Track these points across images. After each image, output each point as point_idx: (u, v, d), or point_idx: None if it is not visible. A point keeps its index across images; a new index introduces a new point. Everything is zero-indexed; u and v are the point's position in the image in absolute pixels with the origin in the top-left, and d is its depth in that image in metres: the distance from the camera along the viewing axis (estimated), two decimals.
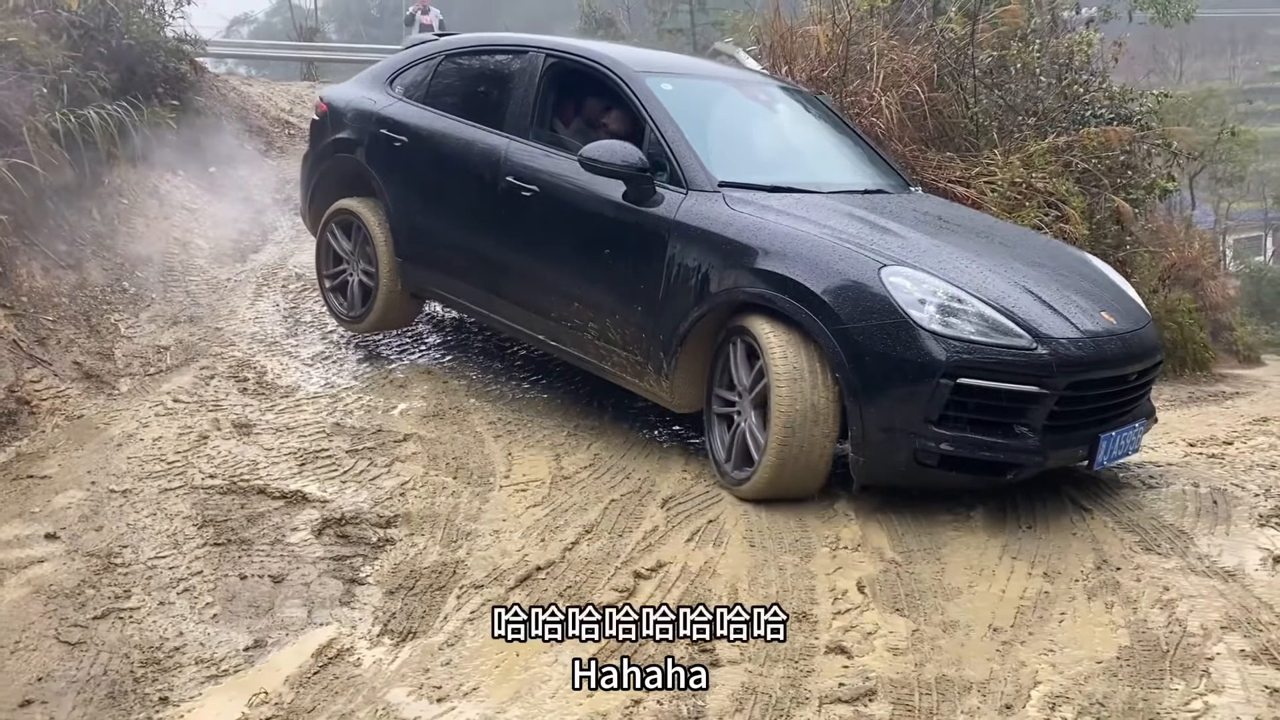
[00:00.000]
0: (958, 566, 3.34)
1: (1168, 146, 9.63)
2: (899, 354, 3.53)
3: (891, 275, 3.64)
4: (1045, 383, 3.53)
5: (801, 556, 3.40)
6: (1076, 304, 3.82)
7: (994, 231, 4.56)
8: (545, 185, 4.67)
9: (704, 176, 4.22)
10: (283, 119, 10.73)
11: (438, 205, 5.23)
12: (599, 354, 4.51)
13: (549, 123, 4.97)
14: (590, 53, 4.92)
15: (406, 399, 5.06)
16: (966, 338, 3.52)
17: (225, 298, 6.71)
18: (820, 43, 8.27)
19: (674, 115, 4.43)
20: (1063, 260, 4.35)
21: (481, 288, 5.04)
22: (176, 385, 5.30)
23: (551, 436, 4.66)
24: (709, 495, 3.93)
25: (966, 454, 3.54)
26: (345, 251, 5.71)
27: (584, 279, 4.52)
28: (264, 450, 4.45)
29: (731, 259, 3.96)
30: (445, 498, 3.98)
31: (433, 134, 5.26)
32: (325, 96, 6.08)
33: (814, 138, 5.17)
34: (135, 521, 3.87)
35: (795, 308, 3.74)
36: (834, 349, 3.63)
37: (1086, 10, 11.82)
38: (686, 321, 4.09)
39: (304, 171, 6.22)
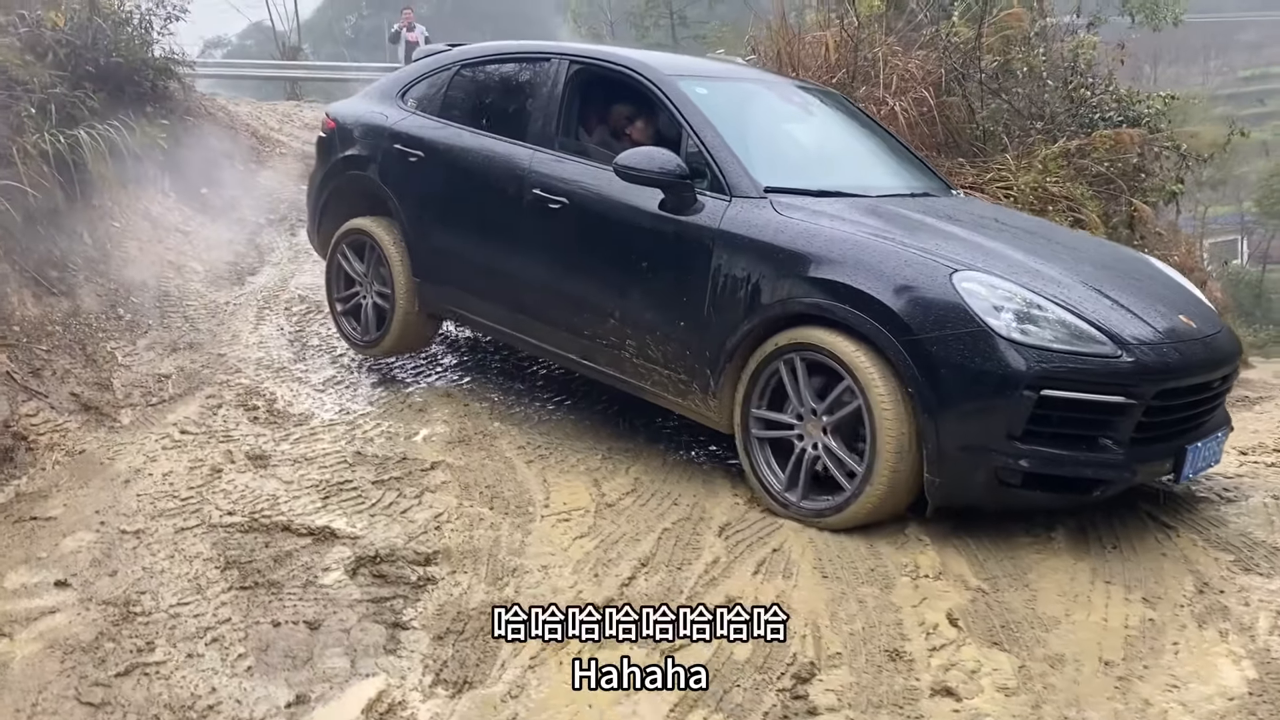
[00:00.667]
0: (1049, 593, 3.12)
1: (1177, 149, 9.50)
2: (977, 365, 3.30)
3: (964, 281, 3.42)
4: (1133, 392, 3.32)
5: (881, 587, 3.17)
6: (1154, 308, 3.62)
7: (1052, 234, 4.36)
8: (575, 197, 4.44)
9: (748, 182, 4.00)
10: (273, 138, 10.47)
11: (458, 221, 4.98)
12: (637, 373, 4.27)
13: (574, 132, 4.74)
14: (618, 58, 4.70)
15: (428, 424, 4.80)
16: (1048, 346, 3.30)
17: (226, 322, 6.43)
18: (829, 48, 8.08)
19: (712, 120, 4.21)
20: (1128, 262, 4.15)
21: (506, 306, 4.79)
22: (182, 416, 5.02)
23: (585, 460, 4.41)
24: (767, 522, 3.69)
25: (1051, 471, 3.31)
26: (358, 273, 5.46)
27: (620, 294, 4.28)
28: (283, 483, 4.18)
29: (785, 268, 3.74)
30: (484, 530, 3.72)
31: (451, 148, 5.03)
32: (332, 113, 5.82)
33: (851, 140, 4.96)
34: (152, 565, 3.59)
35: (859, 318, 3.51)
36: (905, 362, 3.40)
37: (1071, 18, 11.74)
38: (735, 336, 3.85)
39: (311, 191, 5.96)
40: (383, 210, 5.34)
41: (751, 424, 3.84)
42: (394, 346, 5.39)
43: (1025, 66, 9.23)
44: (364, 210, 5.46)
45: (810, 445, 3.66)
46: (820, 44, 8.28)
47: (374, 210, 5.40)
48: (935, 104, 8.51)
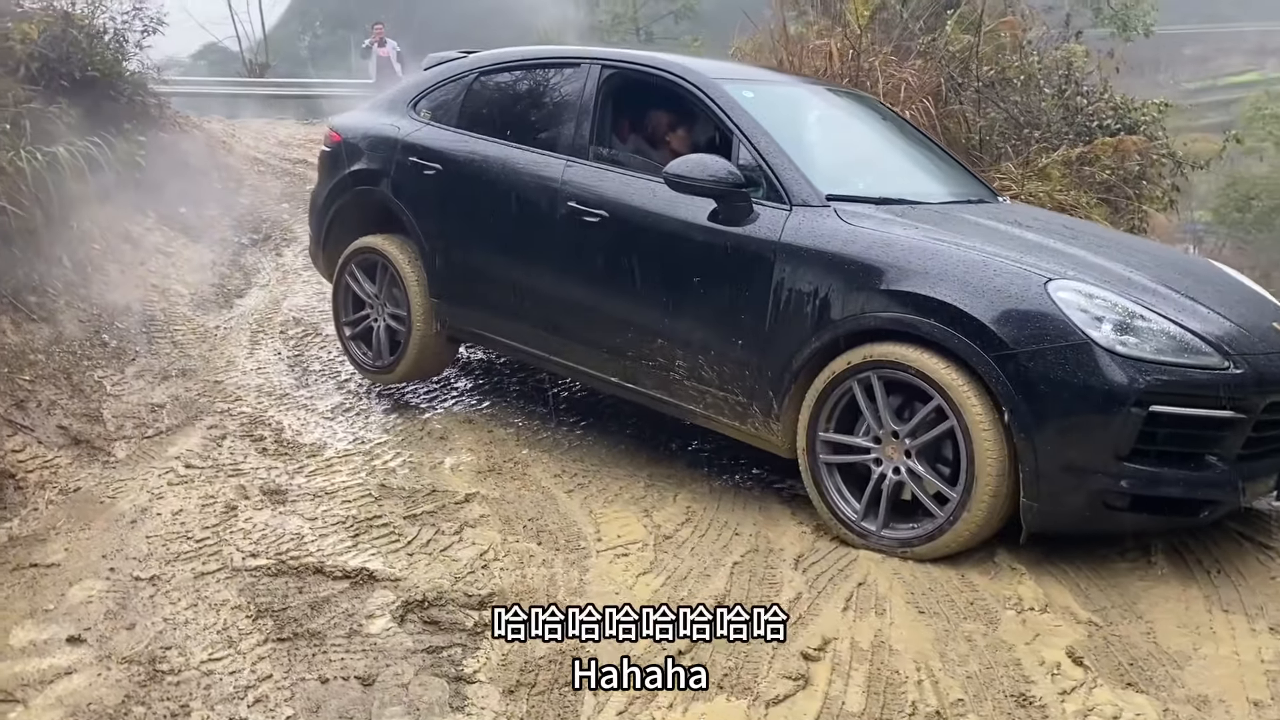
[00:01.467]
0: (1167, 625, 2.90)
1: (1172, 156, 9.46)
2: (1080, 381, 3.07)
3: (1060, 290, 3.20)
4: (1243, 405, 3.11)
5: (986, 623, 2.93)
6: (1246, 315, 3.43)
7: (1123, 240, 4.18)
8: (616, 209, 4.16)
9: (809, 190, 3.76)
10: (250, 155, 10.12)
11: (481, 238, 4.68)
12: (688, 395, 4.01)
13: (609, 141, 4.48)
14: (657, 61, 4.45)
15: (452, 453, 4.51)
16: (1153, 359, 3.08)
17: (218, 347, 6.09)
18: (834, 56, 7.92)
19: (764, 125, 3.97)
20: (1201, 268, 3.97)
21: (538, 326, 4.50)
22: (184, 448, 4.68)
23: (628, 488, 4.15)
24: (842, 552, 3.44)
25: (1159, 492, 3.10)
26: (368, 295, 5.15)
27: (668, 312, 4.01)
28: (306, 520, 3.87)
29: (858, 281, 3.49)
30: (536, 568, 3.44)
31: (472, 159, 4.74)
32: (337, 125, 5.51)
33: (897, 145, 4.76)
34: (174, 615, 3.26)
35: (947, 333, 3.26)
36: (999, 379, 3.16)
37: (1059, 29, 11.72)
38: (803, 354, 3.60)
39: (314, 208, 5.61)
40: (396, 227, 5.04)
41: (819, 448, 3.59)
42: (409, 372, 5.09)
43: (1023, 75, 9.14)
44: (374, 228, 5.16)
45: (890, 470, 3.41)
46: (823, 52, 8.10)
47: (386, 227, 5.10)
48: (936, 113, 8.38)
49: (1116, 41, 14.37)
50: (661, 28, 28.42)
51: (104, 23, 7.68)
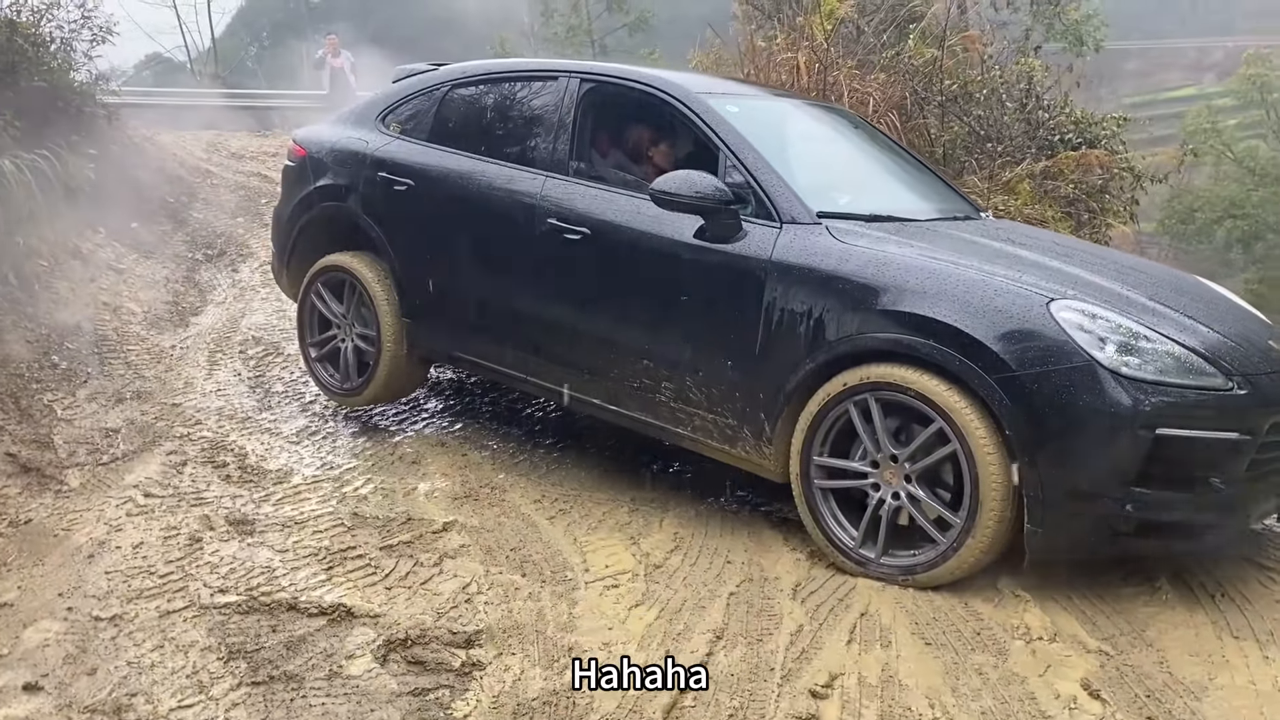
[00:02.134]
0: (1178, 653, 2.83)
1: (1132, 170, 9.55)
2: (1086, 404, 2.99)
3: (1062, 311, 3.12)
4: (1248, 427, 3.06)
5: (996, 654, 2.84)
6: (1245, 334, 3.38)
7: (1114, 257, 4.12)
8: (598, 226, 4.04)
9: (800, 207, 3.66)
10: (202, 168, 9.86)
11: (456, 255, 4.53)
12: (675, 418, 3.89)
13: (589, 156, 4.35)
14: (640, 75, 4.33)
15: (425, 478, 4.35)
16: (1158, 380, 3.02)
17: (175, 368, 5.86)
18: (801, 69, 7.87)
19: (751, 141, 3.88)
20: (1194, 286, 3.92)
21: (517, 347, 4.36)
22: (142, 476, 4.46)
23: (611, 514, 4.02)
24: (840, 580, 3.34)
25: (1164, 517, 3.03)
26: (335, 315, 4.97)
27: (654, 332, 3.89)
28: (276, 552, 3.69)
29: (853, 300, 3.39)
30: (523, 602, 3.29)
31: (446, 175, 4.58)
32: (302, 139, 5.31)
33: (880, 160, 4.69)
34: (138, 659, 3.07)
35: (947, 355, 3.17)
36: (1001, 402, 3.08)
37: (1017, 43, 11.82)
38: (796, 376, 3.50)
39: (278, 225, 5.41)
40: (365, 245, 4.87)
41: (814, 473, 3.49)
42: (379, 394, 4.91)
43: (985, 89, 9.17)
44: (341, 245, 4.98)
45: (889, 495, 3.32)
46: (789, 65, 8.05)
47: (353, 245, 4.93)
48: (902, 127, 8.38)
49: (1069, 56, 14.56)
50: (615, 40, 28.40)
51: (51, 31, 7.40)
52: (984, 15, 11.12)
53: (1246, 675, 2.70)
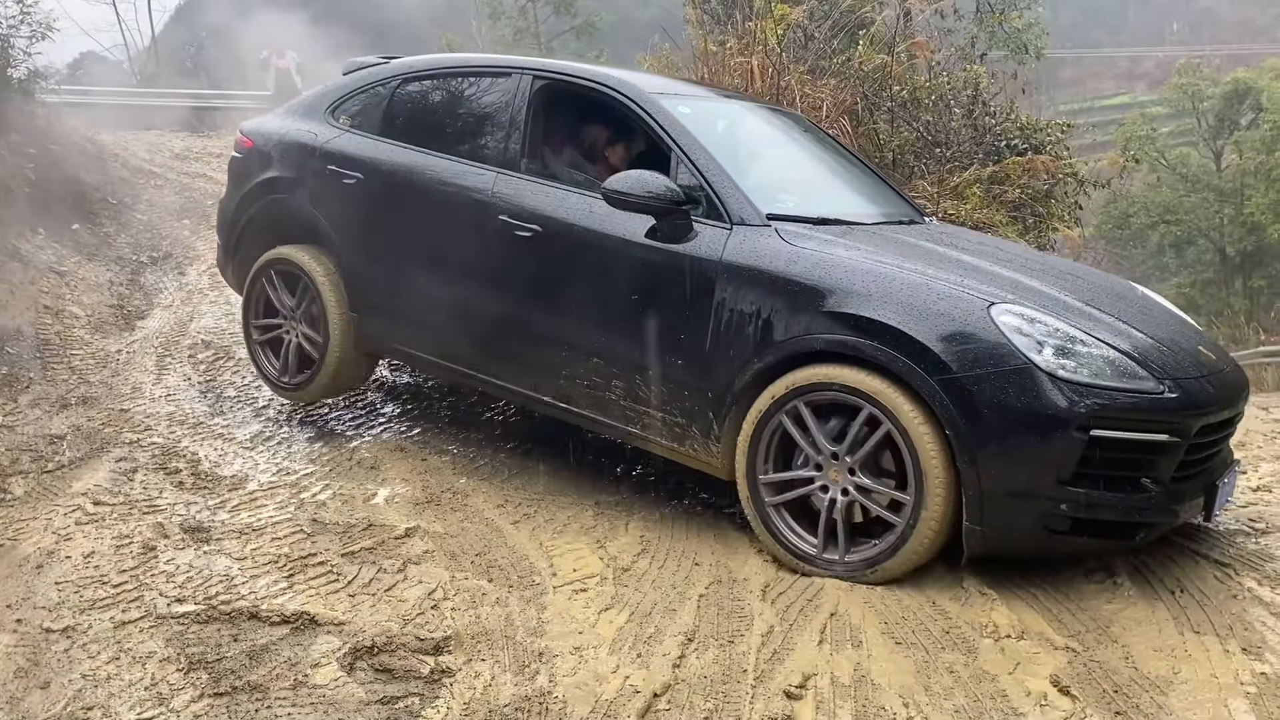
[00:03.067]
0: (1143, 649, 2.87)
1: (1075, 175, 9.73)
2: (1023, 405, 3.06)
3: (1002, 315, 3.19)
4: (1178, 429, 3.15)
5: (966, 653, 2.86)
6: (1176, 340, 3.48)
7: (1051, 262, 4.20)
8: (550, 224, 4.03)
9: (749, 209, 3.69)
10: (145, 168, 9.65)
11: (406, 250, 4.48)
12: (625, 416, 3.89)
13: (541, 154, 4.34)
14: (592, 74, 4.32)
15: (385, 484, 4.29)
16: (1093, 383, 3.09)
17: (122, 373, 5.72)
18: (755, 73, 7.91)
19: (703, 142, 3.89)
20: (1126, 291, 4.02)
21: (466, 344, 4.33)
22: (91, 483, 4.34)
23: (577, 517, 3.99)
24: (808, 582, 3.34)
25: (1097, 516, 3.11)
26: (285, 306, 4.91)
27: (605, 330, 3.89)
28: (234, 560, 3.61)
29: (801, 302, 3.43)
30: (490, 608, 3.25)
31: (395, 169, 4.53)
32: (249, 130, 5.22)
33: (828, 163, 4.73)
34: (94, 671, 2.98)
35: (890, 356, 3.23)
36: (942, 402, 3.14)
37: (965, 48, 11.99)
38: (744, 376, 3.53)
39: (223, 217, 5.32)
40: (312, 238, 4.81)
41: (764, 491, 3.53)
42: (325, 389, 4.86)
43: (933, 95, 9.29)
44: (288, 238, 4.91)
45: (839, 492, 3.36)
46: (743, 69, 8.09)
47: (301, 238, 4.86)
48: (853, 132, 8.46)
49: (1010, 64, 14.82)
50: (561, 43, 28.37)
51: None
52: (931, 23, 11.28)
53: (1209, 669, 2.75)
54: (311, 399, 4.96)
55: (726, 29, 10.47)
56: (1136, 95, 56.69)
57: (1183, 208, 31.62)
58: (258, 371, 5.12)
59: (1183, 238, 32.13)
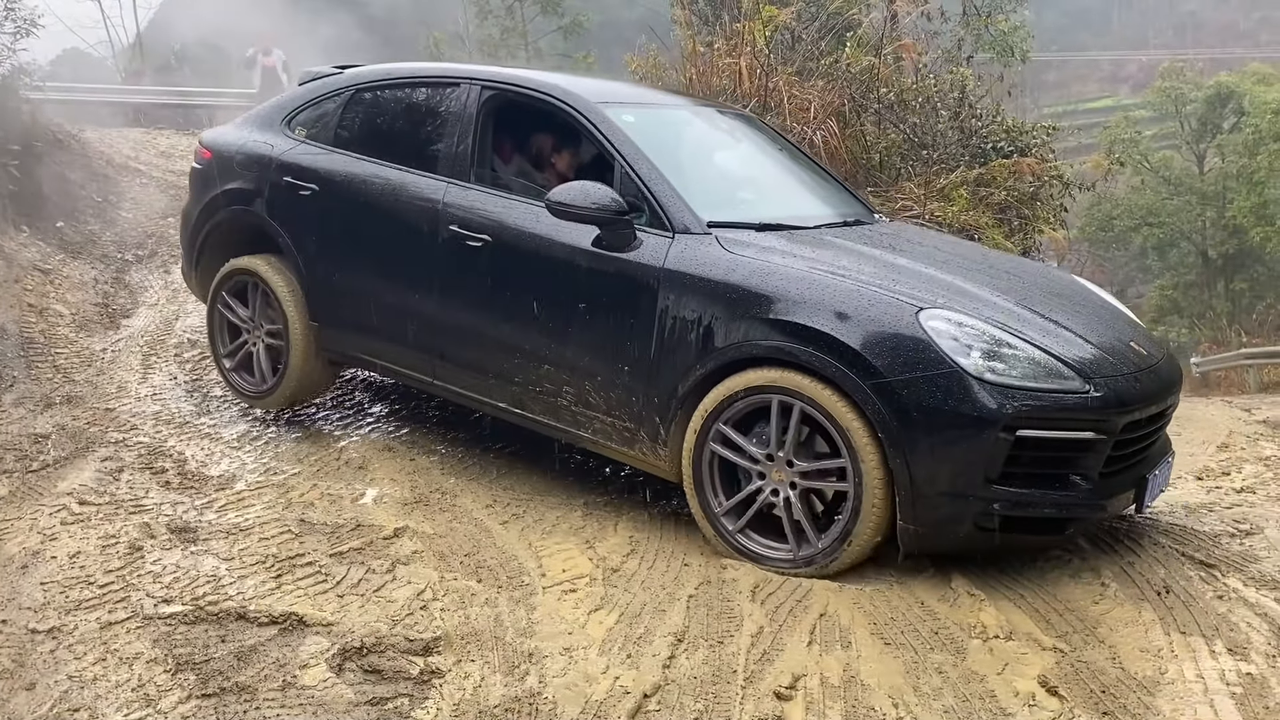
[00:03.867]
0: (1129, 650, 2.89)
1: (1060, 178, 9.78)
2: (951, 408, 3.14)
3: (930, 320, 3.26)
4: (1103, 427, 3.22)
5: (954, 653, 2.88)
6: (1107, 337, 3.54)
7: (992, 260, 4.25)
8: (499, 234, 4.07)
9: (691, 217, 3.75)
10: (130, 166, 9.60)
11: (361, 261, 4.53)
12: (576, 421, 3.95)
13: (490, 163, 4.38)
14: (536, 83, 4.32)
15: (373, 484, 4.28)
16: (1019, 384, 3.16)
17: (107, 372, 5.69)
18: (743, 75, 7.92)
19: (646, 151, 3.93)
20: (1067, 287, 4.08)
21: (422, 351, 4.37)
22: (76, 483, 4.31)
23: (565, 518, 4.00)
24: (797, 583, 3.35)
25: (1026, 513, 3.19)
26: (243, 319, 4.95)
27: (554, 338, 3.94)
28: (222, 560, 3.59)
29: (739, 309, 3.50)
30: (480, 608, 3.25)
31: (350, 180, 4.56)
32: (208, 141, 5.24)
33: (775, 165, 4.78)
34: (80, 672, 2.96)
35: (823, 361, 3.30)
36: (874, 406, 3.21)
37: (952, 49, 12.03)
38: (688, 381, 3.60)
39: (185, 227, 5.34)
40: (272, 248, 4.85)
41: (716, 508, 3.62)
42: (291, 396, 4.90)
43: (920, 97, 9.32)
44: (249, 248, 4.95)
45: (788, 489, 3.45)
46: (730, 70, 8.10)
47: (261, 248, 4.90)
48: (840, 134, 8.47)
49: (996, 66, 14.88)
50: (549, 43, 28.33)
51: None
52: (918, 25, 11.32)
53: (1195, 669, 2.77)
54: (279, 404, 4.97)
55: (715, 30, 10.47)
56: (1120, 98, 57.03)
57: (1165, 210, 31.80)
58: (235, 392, 5.11)
59: (1165, 240, 32.31)
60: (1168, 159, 33.85)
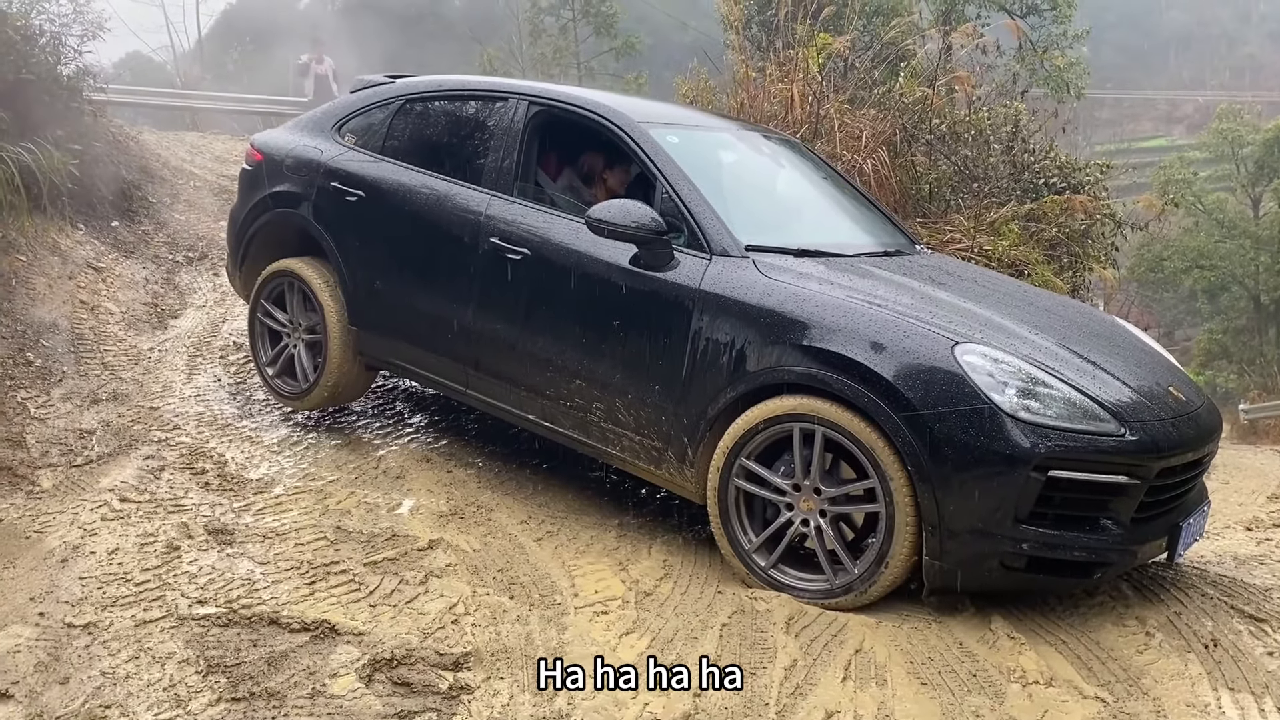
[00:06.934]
0: (1174, 704, 2.81)
1: (1112, 217, 9.65)
2: (983, 444, 3.09)
3: (966, 354, 3.21)
4: (1137, 471, 3.16)
5: (993, 697, 2.81)
6: (1145, 380, 3.48)
7: (1032, 297, 4.19)
8: (538, 248, 4.09)
9: (730, 240, 3.74)
10: (185, 169, 9.73)
11: (403, 268, 4.56)
12: (604, 438, 3.95)
13: (534, 177, 4.41)
14: (584, 101, 4.35)
15: (410, 494, 4.28)
16: (1053, 424, 3.11)
17: (153, 371, 5.76)
18: (795, 101, 7.90)
19: (688, 172, 3.94)
20: (1107, 328, 4.02)
21: (457, 360, 4.39)
22: (118, 480, 4.36)
23: (599, 538, 3.97)
24: (832, 616, 3.30)
25: (1054, 555, 3.13)
26: (283, 323, 5.02)
27: (588, 353, 3.94)
28: (257, 564, 3.61)
29: (774, 334, 3.48)
30: (511, 625, 3.23)
31: (396, 188, 4.60)
32: (259, 144, 5.31)
33: (818, 191, 4.76)
34: (113, 669, 2.98)
35: (856, 391, 3.27)
36: (905, 438, 3.17)
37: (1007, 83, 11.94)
38: (718, 404, 3.58)
39: (232, 228, 5.41)
40: (316, 252, 4.91)
41: (746, 545, 3.57)
42: (327, 398, 4.94)
43: (973, 129, 9.25)
44: (293, 251, 5.01)
45: (818, 517, 3.41)
46: (783, 96, 8.09)
47: (305, 251, 4.96)
48: (891, 164, 8.43)
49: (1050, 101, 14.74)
50: (600, 64, 28.50)
51: (41, 24, 7.28)
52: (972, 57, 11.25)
53: None
54: (313, 405, 5.01)
55: (767, 56, 10.48)
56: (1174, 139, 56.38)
57: (1218, 253, 31.32)
58: (274, 394, 5.15)
59: (1216, 283, 31.81)
60: (1221, 201, 33.37)
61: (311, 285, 4.84)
